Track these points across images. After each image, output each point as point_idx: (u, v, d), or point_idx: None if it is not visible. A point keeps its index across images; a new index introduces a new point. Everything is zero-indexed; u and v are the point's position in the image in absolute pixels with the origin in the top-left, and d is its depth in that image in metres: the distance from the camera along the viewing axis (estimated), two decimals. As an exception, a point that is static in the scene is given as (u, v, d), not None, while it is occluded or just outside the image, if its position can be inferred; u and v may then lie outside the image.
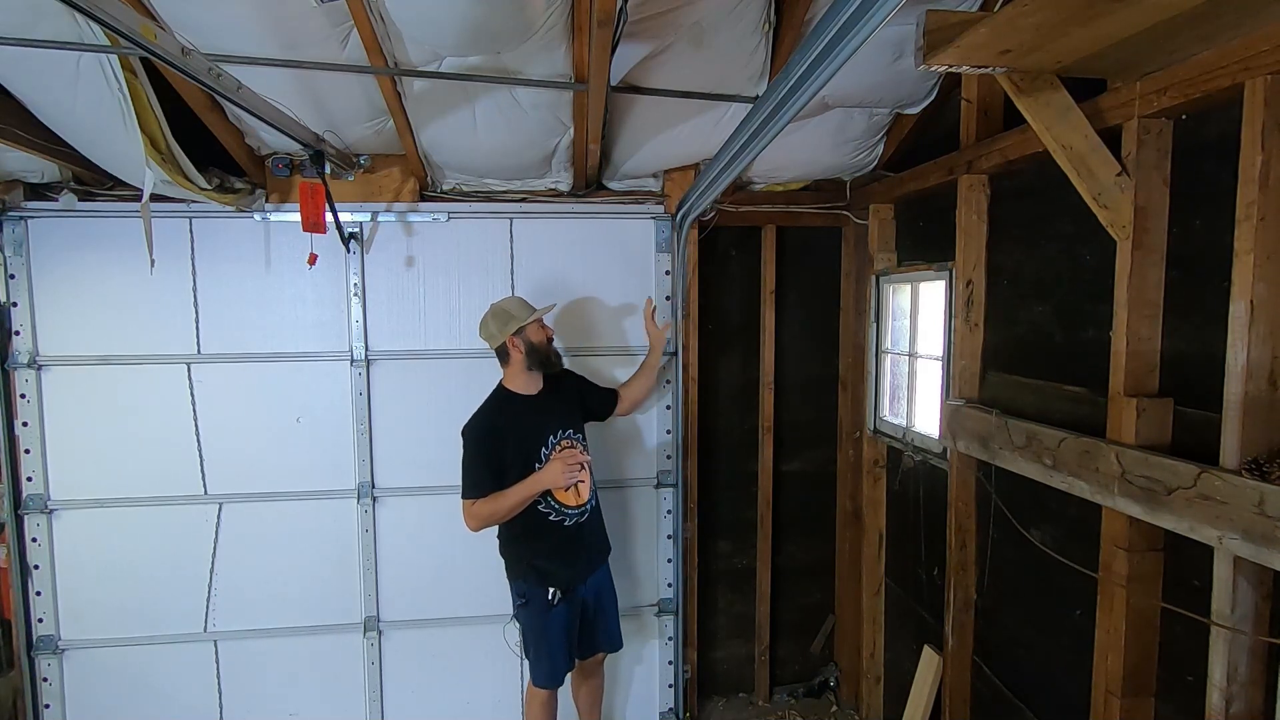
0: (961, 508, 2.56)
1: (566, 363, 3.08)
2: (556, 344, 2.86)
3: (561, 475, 2.50)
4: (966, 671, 2.62)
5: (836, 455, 3.61)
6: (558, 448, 2.64)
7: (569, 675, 2.85)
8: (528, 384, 2.67)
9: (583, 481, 2.66)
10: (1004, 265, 2.41)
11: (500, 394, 2.68)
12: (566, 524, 2.63)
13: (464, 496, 2.56)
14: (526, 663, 2.82)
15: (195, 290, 2.98)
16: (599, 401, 2.91)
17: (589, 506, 2.71)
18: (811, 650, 3.72)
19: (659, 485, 3.33)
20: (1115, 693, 1.87)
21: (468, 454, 2.56)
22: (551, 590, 2.59)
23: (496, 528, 2.65)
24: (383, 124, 2.70)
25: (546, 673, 2.69)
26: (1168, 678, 1.84)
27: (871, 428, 3.32)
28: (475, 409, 2.65)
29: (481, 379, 2.81)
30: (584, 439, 2.77)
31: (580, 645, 2.79)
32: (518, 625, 2.78)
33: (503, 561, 2.73)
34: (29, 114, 2.42)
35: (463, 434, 2.59)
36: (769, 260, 3.43)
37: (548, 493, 2.58)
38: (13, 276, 2.86)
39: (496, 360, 2.71)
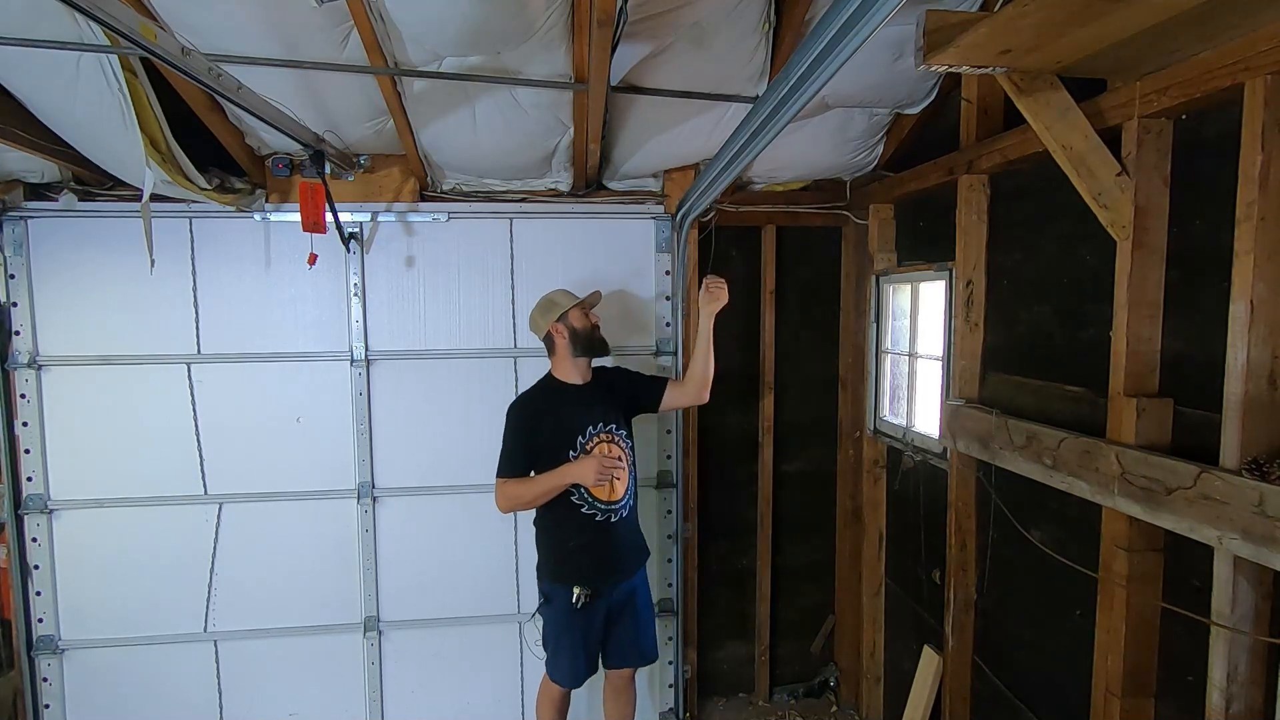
0: (961, 508, 2.56)
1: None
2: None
3: (593, 474, 2.46)
4: (966, 671, 2.62)
5: (836, 455, 3.61)
6: (596, 439, 2.60)
7: (601, 688, 2.82)
8: (574, 373, 2.65)
9: (618, 479, 2.60)
10: (1004, 265, 2.41)
11: (547, 380, 2.69)
12: (598, 519, 2.58)
13: (497, 474, 2.55)
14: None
15: (195, 290, 2.98)
16: (646, 389, 2.81)
17: (624, 504, 2.63)
18: (811, 650, 3.72)
19: (659, 485, 3.33)
20: (1115, 693, 1.87)
21: (506, 431, 2.57)
22: (576, 593, 2.53)
23: (534, 516, 2.64)
24: (383, 124, 2.70)
25: (565, 671, 2.64)
26: (1168, 678, 1.84)
27: (871, 428, 3.32)
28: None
29: (482, 379, 2.81)
30: (628, 434, 2.71)
31: (610, 654, 2.73)
32: (539, 621, 2.72)
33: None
34: (29, 114, 2.42)
35: (507, 412, 2.60)
36: (769, 260, 3.43)
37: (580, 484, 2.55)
38: (13, 276, 2.86)
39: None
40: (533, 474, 2.55)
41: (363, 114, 2.65)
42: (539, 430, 2.55)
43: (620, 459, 2.60)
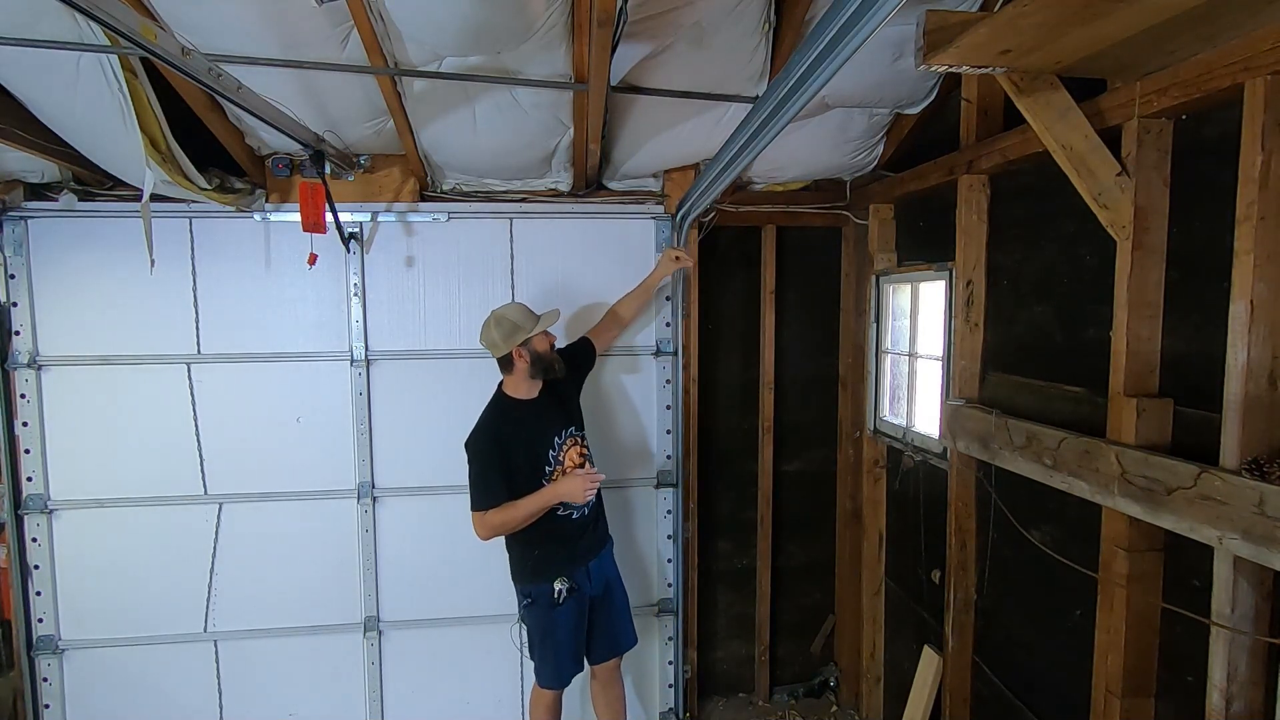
0: (961, 508, 2.56)
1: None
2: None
3: (582, 493, 2.52)
4: (966, 672, 2.62)
5: (836, 455, 3.60)
6: (564, 449, 2.66)
7: (589, 686, 2.85)
8: (529, 389, 2.66)
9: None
10: (1004, 265, 2.41)
11: (501, 402, 2.67)
12: (575, 517, 2.65)
13: (475, 508, 2.54)
14: (525, 665, 2.83)
15: (195, 290, 2.98)
16: (584, 358, 2.90)
17: (593, 498, 2.70)
18: (811, 650, 3.72)
19: (659, 485, 3.33)
20: (1115, 693, 1.87)
21: (476, 466, 2.55)
22: (557, 588, 2.57)
23: None
24: (383, 124, 2.70)
25: (552, 673, 2.68)
26: (1168, 678, 1.84)
27: (871, 428, 3.32)
28: (476, 417, 2.64)
29: (482, 379, 2.81)
30: (584, 433, 2.79)
31: (594, 649, 2.77)
32: (523, 627, 2.75)
33: (505, 562, 2.72)
34: (29, 114, 2.42)
35: (467, 447, 2.58)
36: (769, 260, 3.43)
37: None
38: (13, 276, 2.86)
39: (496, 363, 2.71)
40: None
41: (363, 114, 2.65)
42: (510, 456, 2.55)
43: (586, 458, 2.70)
